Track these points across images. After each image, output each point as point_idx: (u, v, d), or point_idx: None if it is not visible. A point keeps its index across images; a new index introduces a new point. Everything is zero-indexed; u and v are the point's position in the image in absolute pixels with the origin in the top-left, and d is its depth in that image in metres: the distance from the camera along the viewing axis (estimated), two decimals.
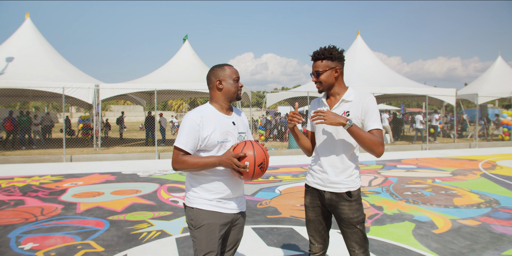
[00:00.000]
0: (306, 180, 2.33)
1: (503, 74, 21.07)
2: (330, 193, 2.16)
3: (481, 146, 15.83)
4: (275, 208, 5.28)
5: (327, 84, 2.16)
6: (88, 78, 14.73)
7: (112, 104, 55.02)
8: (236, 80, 2.06)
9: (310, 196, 2.28)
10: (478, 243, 3.84)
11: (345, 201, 2.13)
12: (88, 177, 8.06)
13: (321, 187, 2.20)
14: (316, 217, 2.26)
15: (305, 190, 2.34)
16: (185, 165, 1.92)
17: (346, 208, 2.13)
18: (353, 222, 2.13)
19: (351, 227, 2.14)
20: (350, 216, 2.13)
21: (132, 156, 11.65)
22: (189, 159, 1.93)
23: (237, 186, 2.05)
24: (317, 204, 2.25)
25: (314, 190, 2.26)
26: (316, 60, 2.16)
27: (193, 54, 16.51)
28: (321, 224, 2.26)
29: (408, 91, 15.79)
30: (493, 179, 7.62)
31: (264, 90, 17.10)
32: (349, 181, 2.15)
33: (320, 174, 2.20)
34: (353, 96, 2.16)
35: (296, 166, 9.77)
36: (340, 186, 2.14)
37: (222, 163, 1.89)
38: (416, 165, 9.91)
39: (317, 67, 2.15)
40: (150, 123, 15.74)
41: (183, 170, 1.96)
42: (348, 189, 2.13)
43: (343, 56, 2.16)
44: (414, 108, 49.00)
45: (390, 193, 6.26)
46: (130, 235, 4.10)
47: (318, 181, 2.22)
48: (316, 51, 2.16)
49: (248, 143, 1.94)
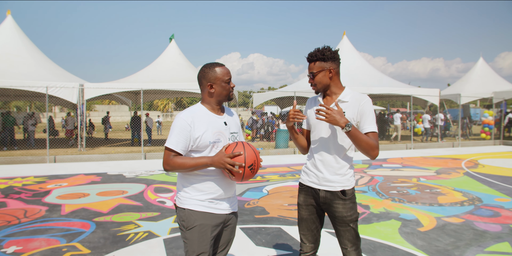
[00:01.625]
0: (301, 178, 2.33)
1: (484, 75, 21.57)
2: (325, 191, 2.18)
3: (463, 145, 16.17)
4: (262, 208, 5.29)
5: (322, 85, 2.18)
6: (73, 78, 14.47)
7: (97, 104, 54.20)
8: (228, 82, 2.02)
9: (304, 194, 2.29)
10: (462, 240, 3.92)
11: (339, 200, 2.16)
12: (73, 178, 7.92)
13: (316, 185, 2.21)
14: (309, 216, 2.27)
15: (299, 189, 2.35)
16: (176, 165, 1.91)
17: (340, 206, 2.15)
18: (347, 220, 2.15)
19: (344, 225, 2.16)
20: (344, 215, 2.15)
21: (118, 156, 11.51)
22: (181, 159, 1.91)
23: (229, 186, 2.04)
24: (311, 202, 2.26)
25: (308, 188, 2.27)
26: (310, 62, 2.18)
27: (179, 54, 16.40)
28: (313, 223, 2.27)
29: (393, 91, 16.01)
30: (476, 178, 7.79)
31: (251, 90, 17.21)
32: (344, 180, 2.17)
33: (315, 172, 2.21)
34: (349, 96, 2.17)
35: (283, 166, 9.80)
36: (335, 184, 2.16)
37: (214, 164, 1.88)
38: (401, 164, 10.06)
39: (311, 69, 2.17)
40: (136, 123, 15.56)
41: (175, 170, 1.94)
42: (343, 188, 2.16)
43: (337, 56, 2.16)
44: (399, 108, 49.67)
45: (376, 192, 6.34)
46: (116, 236, 4.05)
47: (313, 180, 2.23)
48: (310, 53, 2.18)
49: (239, 144, 1.94)
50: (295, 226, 4.40)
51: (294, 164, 10.24)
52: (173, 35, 16.94)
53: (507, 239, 3.96)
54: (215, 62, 2.06)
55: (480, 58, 22.52)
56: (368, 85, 15.45)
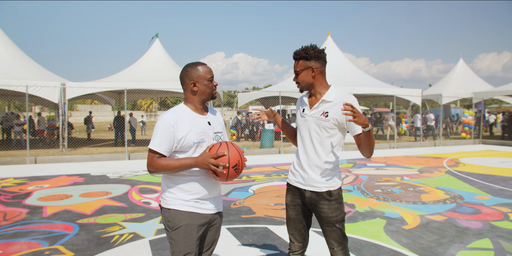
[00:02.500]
0: (288, 178, 2.34)
1: (464, 75, 22.12)
2: (311, 192, 2.18)
3: (444, 144, 16.53)
4: (249, 208, 5.28)
5: (305, 84, 2.19)
6: (54, 77, 14.15)
7: (79, 104, 53.23)
8: (211, 80, 2.02)
9: (291, 194, 2.30)
10: (445, 237, 4.00)
11: (324, 200, 2.16)
12: (55, 179, 7.75)
13: (301, 185, 2.22)
14: (297, 216, 2.27)
15: (287, 189, 2.35)
16: (160, 167, 1.89)
17: (326, 207, 2.15)
18: (332, 221, 2.16)
19: (330, 226, 2.17)
20: (329, 215, 2.15)
21: (101, 157, 11.32)
22: (165, 161, 1.90)
23: (214, 186, 2.03)
24: (298, 202, 2.27)
25: (295, 188, 2.28)
26: (295, 60, 2.19)
27: (164, 53, 16.23)
28: (301, 223, 2.28)
29: (377, 91, 16.24)
30: (457, 176, 7.97)
31: (235, 90, 17.21)
32: (330, 181, 2.17)
33: (301, 173, 2.22)
34: (333, 96, 2.16)
35: (268, 166, 9.82)
36: (320, 185, 2.16)
37: (198, 165, 1.87)
38: (385, 163, 10.21)
39: (295, 67, 2.19)
40: (119, 123, 15.34)
41: (159, 172, 1.92)
42: (328, 189, 2.16)
43: (321, 55, 2.15)
44: (382, 108, 50.42)
45: (361, 190, 6.42)
46: (101, 238, 3.98)
47: (299, 180, 2.23)
48: (295, 51, 2.19)
49: (223, 144, 1.93)
50: (281, 225, 4.41)
51: (279, 163, 10.27)
52: (157, 34, 16.75)
53: (487, 235, 4.06)
54: (197, 61, 2.06)
55: (460, 59, 23.08)
56: (352, 85, 15.63)
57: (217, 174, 1.88)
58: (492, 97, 18.90)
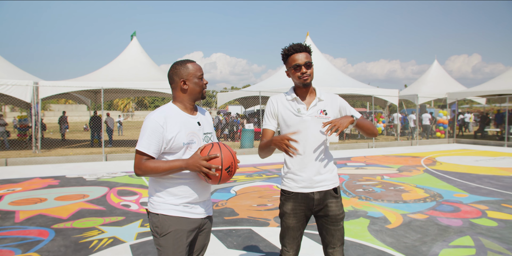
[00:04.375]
0: (286, 186, 2.18)
1: (439, 76, 22.76)
2: (319, 192, 2.14)
3: (421, 144, 16.91)
4: (232, 209, 5.20)
5: (312, 78, 2.14)
6: (26, 75, 13.63)
7: (52, 103, 51.64)
8: (201, 78, 1.95)
9: (292, 202, 2.16)
10: (428, 235, 4.04)
11: (332, 198, 2.15)
12: (28, 182, 7.43)
13: (308, 189, 2.13)
14: (296, 224, 2.17)
15: (285, 197, 2.19)
16: (148, 170, 1.78)
17: (334, 205, 2.15)
18: (339, 218, 2.15)
19: (336, 224, 2.14)
20: (337, 213, 2.14)
21: (77, 158, 10.96)
22: (153, 163, 1.79)
23: (204, 190, 1.95)
24: (301, 209, 2.15)
25: (298, 195, 2.15)
26: (303, 52, 2.11)
27: (141, 52, 15.91)
28: (298, 230, 2.19)
29: (355, 91, 16.44)
30: (435, 174, 8.14)
31: (214, 90, 16.99)
32: (333, 176, 2.18)
33: (305, 176, 2.12)
34: (324, 95, 2.20)
35: (249, 166, 9.76)
36: (328, 183, 2.15)
37: (189, 167, 1.78)
38: (365, 162, 10.33)
39: (308, 58, 2.11)
40: (95, 123, 14.92)
41: (147, 175, 1.81)
42: (334, 185, 2.17)
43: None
44: (359, 108, 51.24)
45: (343, 190, 6.44)
46: (79, 244, 3.81)
47: (304, 184, 2.13)
48: (298, 43, 2.12)
49: (215, 146, 1.84)
50: (265, 227, 4.36)
51: (260, 164, 10.22)
52: (134, 32, 16.41)
53: (468, 233, 4.13)
54: (186, 59, 1.98)
55: (435, 60, 23.71)
56: (332, 85, 15.76)
57: (209, 177, 1.79)
58: (465, 97, 19.48)
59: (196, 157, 1.78)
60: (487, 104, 29.60)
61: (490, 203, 5.54)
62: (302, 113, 2.13)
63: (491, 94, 17.38)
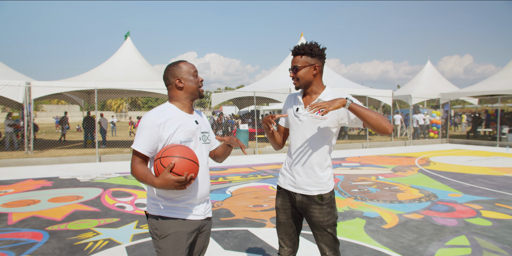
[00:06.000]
0: (278, 181, 2.25)
1: (432, 77, 22.94)
2: (301, 195, 2.11)
3: (414, 144, 17.01)
4: (227, 210, 5.18)
5: (304, 81, 2.09)
6: (19, 76, 13.48)
7: (45, 104, 51.18)
8: (196, 75, 1.96)
9: (281, 198, 2.21)
10: (424, 235, 4.06)
11: (316, 204, 2.08)
12: (20, 183, 7.34)
13: (292, 188, 2.14)
14: (287, 220, 2.19)
15: (277, 192, 2.26)
16: (135, 174, 1.78)
17: (317, 211, 2.08)
18: (324, 225, 2.08)
19: (321, 230, 2.10)
20: (321, 220, 2.08)
21: (70, 159, 10.85)
22: (141, 169, 1.76)
23: (203, 191, 1.93)
24: (288, 206, 2.18)
25: (285, 191, 2.19)
26: (296, 55, 2.09)
27: (135, 52, 15.83)
28: (291, 227, 2.20)
29: (350, 92, 16.47)
30: (429, 174, 8.19)
31: (207, 90, 16.87)
32: (321, 183, 2.09)
33: (292, 175, 2.14)
34: (330, 96, 2.10)
35: (244, 167, 9.74)
36: (311, 188, 2.09)
37: (164, 188, 1.67)
38: (359, 162, 10.37)
39: (296, 62, 2.08)
40: (89, 124, 14.79)
41: (137, 180, 1.80)
42: (320, 192, 2.08)
43: (324, 54, 2.10)
44: None
45: (338, 190, 6.45)
46: (73, 246, 3.76)
47: (290, 183, 2.15)
48: (296, 46, 2.10)
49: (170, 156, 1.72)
50: (262, 228, 4.35)
51: (255, 164, 10.21)
52: (128, 32, 16.32)
53: (463, 232, 4.16)
54: (178, 60, 2.00)
55: (428, 61, 23.90)
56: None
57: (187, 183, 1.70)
58: (458, 98, 19.66)
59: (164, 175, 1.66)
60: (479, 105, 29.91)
61: (484, 202, 5.58)
62: (299, 113, 2.13)
63: (483, 94, 17.55)
